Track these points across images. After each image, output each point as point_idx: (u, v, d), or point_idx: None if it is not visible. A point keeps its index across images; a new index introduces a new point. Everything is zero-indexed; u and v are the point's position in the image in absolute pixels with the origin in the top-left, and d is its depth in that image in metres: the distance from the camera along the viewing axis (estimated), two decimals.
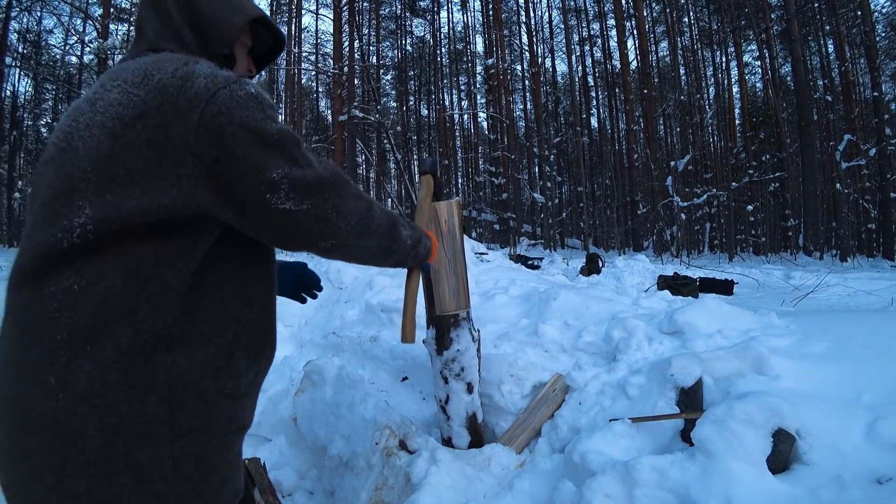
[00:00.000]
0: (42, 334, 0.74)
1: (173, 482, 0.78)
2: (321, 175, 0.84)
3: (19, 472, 0.74)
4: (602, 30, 23.43)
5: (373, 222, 0.94)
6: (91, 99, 0.81)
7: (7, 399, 0.76)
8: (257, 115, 0.80)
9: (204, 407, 0.81)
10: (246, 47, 1.05)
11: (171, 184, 0.76)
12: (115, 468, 0.74)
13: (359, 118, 16.80)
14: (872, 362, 1.72)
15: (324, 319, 3.78)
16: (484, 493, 1.72)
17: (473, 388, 1.90)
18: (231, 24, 0.94)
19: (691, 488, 1.38)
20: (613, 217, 20.67)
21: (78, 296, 0.74)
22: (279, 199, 0.80)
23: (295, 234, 0.83)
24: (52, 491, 0.73)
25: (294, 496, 2.19)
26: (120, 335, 0.75)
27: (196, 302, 0.81)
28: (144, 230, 0.76)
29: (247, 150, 0.78)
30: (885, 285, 6.73)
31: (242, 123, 0.78)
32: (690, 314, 2.19)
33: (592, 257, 9.19)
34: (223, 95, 0.78)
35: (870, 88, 17.09)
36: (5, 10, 15.42)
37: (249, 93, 0.80)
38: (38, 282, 0.75)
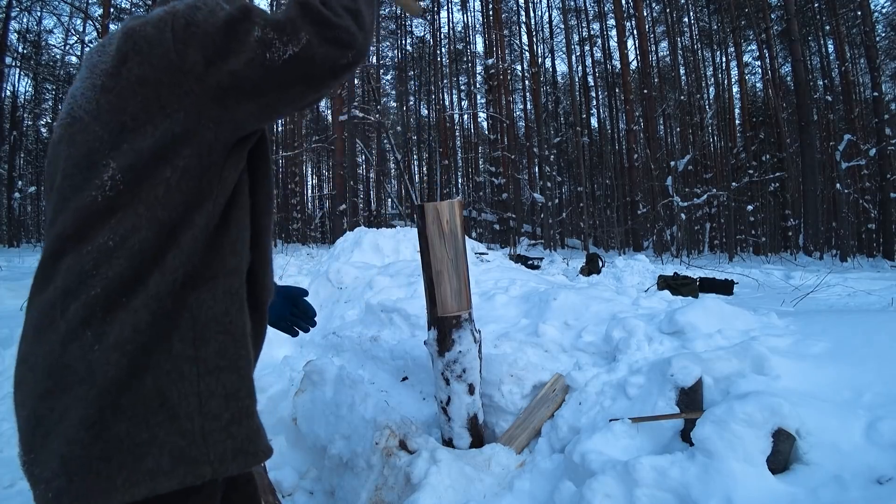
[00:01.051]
0: (81, 292, 0.77)
1: (199, 420, 0.77)
2: (290, 8, 0.81)
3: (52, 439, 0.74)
4: (602, 30, 23.44)
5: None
6: (82, 76, 0.85)
7: (38, 367, 0.77)
8: (215, 9, 0.80)
9: (231, 343, 0.81)
10: None
11: (175, 109, 0.77)
12: (149, 407, 0.76)
13: (359, 118, 16.80)
14: (872, 362, 1.72)
15: (324, 319, 3.78)
16: (484, 493, 1.72)
17: (475, 389, 1.90)
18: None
19: (691, 488, 1.38)
20: (613, 217, 20.67)
21: (113, 251, 0.77)
22: (278, 52, 0.78)
23: (318, 69, 0.80)
24: (98, 438, 0.74)
25: (294, 496, 2.19)
26: (150, 281, 0.77)
27: (221, 238, 0.82)
28: (172, 173, 0.78)
29: (224, 40, 0.78)
30: (885, 285, 6.73)
31: (207, 20, 0.79)
32: (690, 314, 2.19)
33: (592, 257, 9.19)
34: (182, 8, 0.80)
35: (870, 88, 17.09)
36: (5, 10, 15.43)
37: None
38: (78, 245, 0.78)
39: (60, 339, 0.77)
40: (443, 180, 25.23)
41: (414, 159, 28.22)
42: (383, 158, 24.85)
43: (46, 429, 0.76)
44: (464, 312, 1.83)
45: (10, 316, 4.24)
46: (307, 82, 0.81)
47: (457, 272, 1.79)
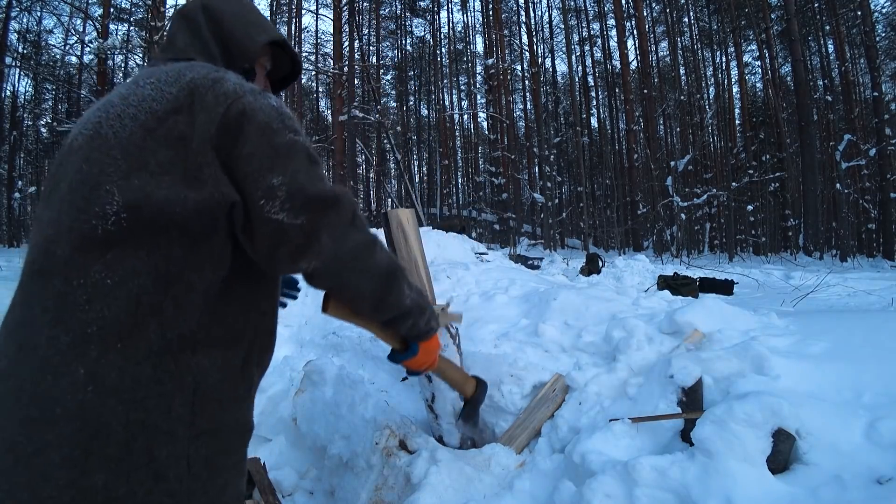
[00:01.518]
0: (73, 325, 0.74)
1: (187, 481, 0.79)
2: (324, 192, 0.84)
3: (24, 469, 0.71)
4: (602, 30, 23.45)
5: (370, 259, 0.89)
6: (123, 94, 0.85)
7: (21, 390, 0.73)
8: (275, 124, 0.83)
9: (219, 409, 0.83)
10: (265, 69, 1.10)
11: (196, 176, 0.78)
12: (134, 464, 0.74)
13: (359, 118, 16.81)
14: (872, 362, 1.72)
15: (324, 319, 3.77)
16: (484, 493, 1.72)
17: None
18: (254, 41, 1.01)
19: (691, 488, 1.38)
20: (613, 217, 20.68)
21: (111, 290, 0.75)
22: (273, 208, 0.79)
23: (282, 249, 0.81)
24: (70, 486, 0.71)
25: (294, 496, 2.19)
26: (150, 332, 0.77)
27: (221, 308, 0.83)
28: (176, 232, 0.78)
29: (255, 151, 0.80)
30: (885, 285, 6.73)
31: (259, 126, 0.81)
32: (690, 314, 2.19)
33: (592, 257, 9.20)
34: (249, 98, 0.83)
35: (870, 88, 17.09)
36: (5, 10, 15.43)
37: (272, 104, 0.85)
38: (69, 271, 0.76)
39: (50, 369, 0.73)
40: (443, 180, 25.23)
41: (414, 159, 28.23)
42: (383, 158, 24.85)
43: (17, 456, 0.72)
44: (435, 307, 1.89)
45: None
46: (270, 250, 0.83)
47: (421, 273, 1.88)
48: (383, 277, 0.92)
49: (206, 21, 0.99)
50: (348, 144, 17.28)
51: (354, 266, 0.87)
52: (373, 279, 0.91)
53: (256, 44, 1.01)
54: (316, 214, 0.82)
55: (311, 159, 0.85)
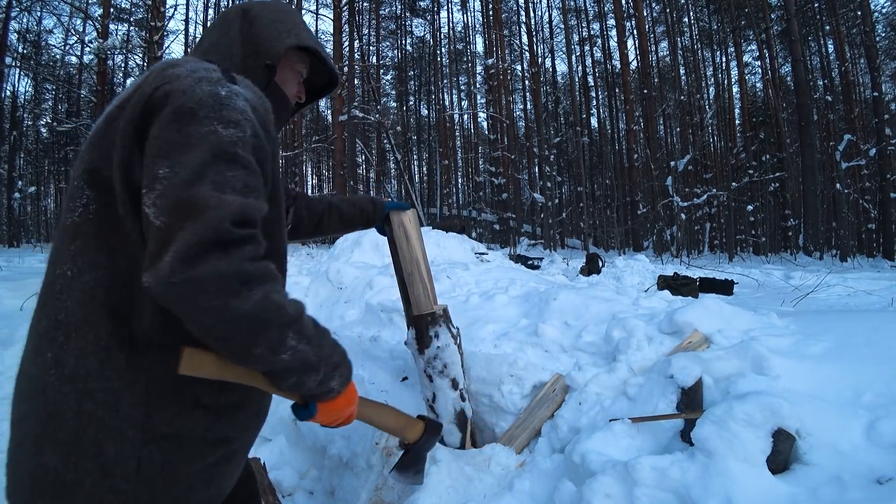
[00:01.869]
0: (50, 311, 0.80)
1: (134, 483, 0.77)
2: (196, 199, 0.68)
3: (15, 431, 0.81)
4: (602, 30, 23.44)
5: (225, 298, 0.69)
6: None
7: (21, 365, 0.84)
8: (201, 112, 0.74)
9: (178, 414, 0.80)
10: (299, 74, 1.10)
11: (129, 162, 0.76)
12: (83, 454, 0.76)
13: (359, 118, 16.81)
14: (872, 362, 1.72)
15: (324, 319, 3.78)
16: (484, 493, 1.72)
17: (458, 384, 1.91)
18: (281, 41, 0.99)
19: (691, 488, 1.38)
20: (613, 217, 20.67)
21: (71, 281, 0.79)
22: (148, 199, 0.70)
23: (142, 250, 0.72)
24: (31, 458, 0.78)
25: (294, 496, 2.19)
26: (101, 327, 0.77)
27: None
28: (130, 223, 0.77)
29: (160, 134, 0.73)
30: (885, 285, 6.73)
31: (176, 109, 0.74)
32: (690, 314, 2.19)
33: (592, 257, 9.20)
34: (183, 82, 0.77)
35: (870, 88, 17.09)
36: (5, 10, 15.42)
37: (213, 92, 0.77)
38: (55, 260, 0.82)
39: (34, 349, 0.81)
40: (443, 180, 25.23)
41: (414, 159, 28.22)
42: (383, 158, 24.85)
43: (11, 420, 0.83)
44: (438, 309, 1.90)
45: (10, 316, 4.24)
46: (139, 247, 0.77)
47: (423, 272, 1.87)
48: (244, 323, 0.71)
49: (240, 23, 0.99)
50: (348, 144, 17.28)
51: (196, 300, 0.69)
52: (224, 322, 0.71)
53: (282, 44, 0.99)
54: (175, 221, 0.68)
55: (220, 158, 0.72)
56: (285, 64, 1.06)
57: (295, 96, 1.10)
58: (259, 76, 0.97)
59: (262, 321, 0.73)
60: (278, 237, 0.93)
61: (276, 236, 0.91)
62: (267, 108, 0.88)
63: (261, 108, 0.85)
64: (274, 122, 1.00)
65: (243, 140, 0.76)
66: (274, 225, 0.90)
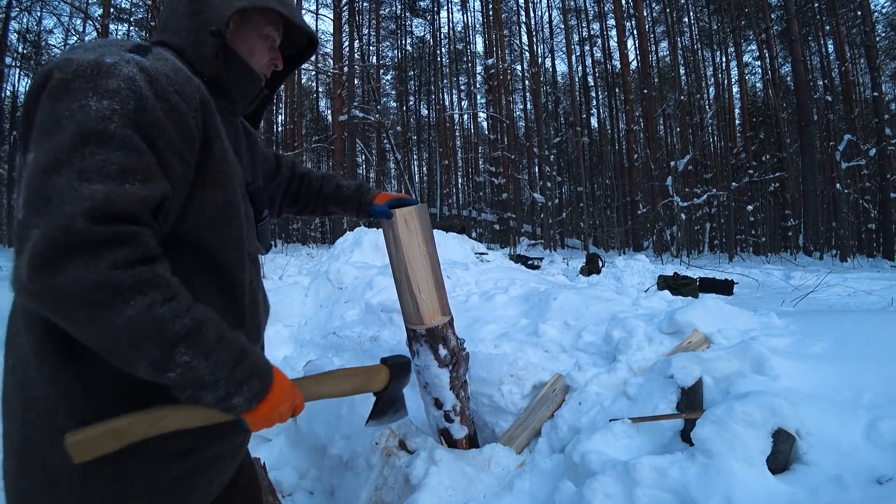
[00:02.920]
0: (11, 317, 0.79)
1: (81, 497, 0.73)
2: (46, 189, 0.60)
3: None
4: (602, 30, 23.42)
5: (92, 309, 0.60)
6: None
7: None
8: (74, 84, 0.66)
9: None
10: (269, 40, 0.98)
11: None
12: (32, 464, 0.74)
13: (359, 118, 16.81)
14: (872, 362, 1.72)
15: (324, 319, 3.77)
16: (484, 493, 1.72)
17: (443, 404, 1.82)
18: (228, 4, 0.87)
19: (691, 488, 1.38)
20: (613, 217, 20.67)
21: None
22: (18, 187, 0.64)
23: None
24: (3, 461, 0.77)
25: (294, 496, 2.19)
26: (35, 333, 0.73)
27: None
28: None
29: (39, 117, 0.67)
30: (885, 285, 6.73)
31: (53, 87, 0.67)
32: (690, 314, 2.19)
33: (592, 257, 9.19)
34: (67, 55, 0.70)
35: (870, 88, 17.08)
36: (5, 10, 15.41)
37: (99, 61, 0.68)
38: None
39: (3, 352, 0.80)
40: (443, 180, 25.23)
41: (414, 159, 28.22)
42: (383, 158, 24.84)
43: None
44: (418, 327, 1.71)
45: None
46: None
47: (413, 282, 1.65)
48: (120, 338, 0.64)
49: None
50: (348, 144, 17.28)
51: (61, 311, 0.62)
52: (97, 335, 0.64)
53: (229, 7, 0.87)
54: (29, 217, 0.61)
55: (90, 138, 0.63)
56: (250, 30, 0.94)
57: (268, 65, 0.99)
58: (209, 47, 0.86)
59: (140, 338, 0.64)
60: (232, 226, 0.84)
61: (224, 225, 0.82)
62: (185, 79, 0.77)
63: (174, 78, 0.74)
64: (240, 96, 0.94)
65: (120, 114, 0.65)
66: (223, 213, 0.82)
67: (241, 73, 0.92)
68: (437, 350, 1.74)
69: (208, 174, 0.79)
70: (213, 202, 0.80)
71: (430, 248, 1.64)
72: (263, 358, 0.82)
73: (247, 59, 0.93)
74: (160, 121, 0.70)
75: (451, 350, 1.76)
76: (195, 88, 0.78)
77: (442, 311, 1.72)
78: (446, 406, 1.82)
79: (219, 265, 0.82)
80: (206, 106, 0.79)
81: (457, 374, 1.80)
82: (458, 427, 1.85)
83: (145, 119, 0.68)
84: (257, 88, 0.97)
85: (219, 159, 0.81)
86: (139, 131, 0.67)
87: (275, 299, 4.00)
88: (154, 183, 0.67)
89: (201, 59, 0.87)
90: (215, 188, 0.80)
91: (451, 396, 1.81)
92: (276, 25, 0.97)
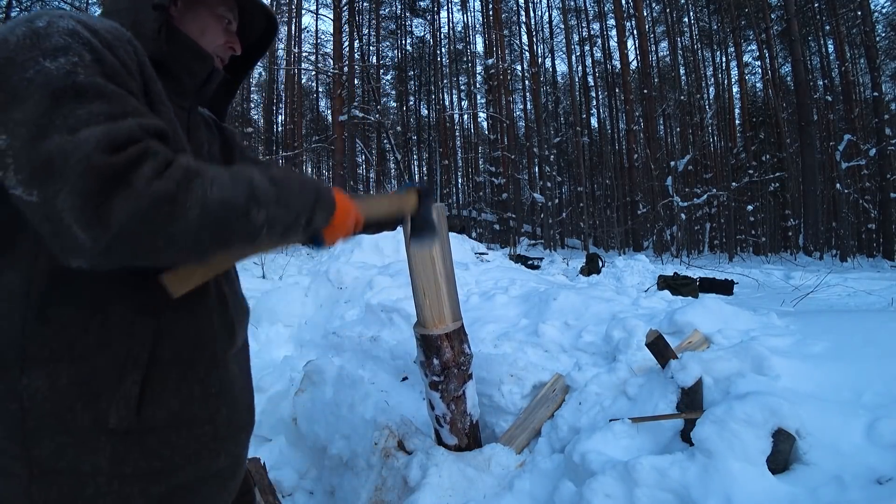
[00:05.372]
0: None
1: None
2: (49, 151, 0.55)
3: None
4: (602, 30, 23.43)
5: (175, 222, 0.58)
6: None
7: None
8: (20, 56, 0.59)
9: (69, 443, 0.66)
10: (223, 20, 0.92)
11: None
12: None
13: (359, 118, 16.81)
14: (872, 362, 1.72)
15: (324, 319, 3.78)
16: (484, 493, 1.72)
17: (433, 408, 1.84)
18: None
19: (691, 488, 1.38)
20: (613, 217, 20.67)
21: None
22: (9, 181, 0.56)
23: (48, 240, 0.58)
24: None
25: (294, 496, 2.19)
26: None
27: (58, 309, 0.66)
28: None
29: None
30: (885, 285, 6.73)
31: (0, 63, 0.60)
32: (690, 314, 2.19)
33: (592, 257, 9.20)
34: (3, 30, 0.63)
35: (870, 88, 17.09)
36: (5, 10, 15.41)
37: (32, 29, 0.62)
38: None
39: None
40: (443, 180, 25.23)
41: (414, 159, 28.21)
42: (383, 158, 24.84)
43: None
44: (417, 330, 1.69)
45: None
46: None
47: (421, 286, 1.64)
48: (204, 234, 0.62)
49: None
50: (348, 144, 17.28)
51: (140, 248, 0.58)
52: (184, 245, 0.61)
53: None
54: (47, 188, 0.55)
55: (63, 96, 0.58)
56: (200, 8, 0.88)
57: (223, 47, 0.93)
58: (151, 23, 0.80)
59: (219, 223, 0.62)
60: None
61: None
62: (124, 37, 0.70)
63: (115, 33, 0.68)
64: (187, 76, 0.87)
65: (82, 65, 0.60)
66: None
67: (186, 51, 0.86)
68: (431, 359, 1.73)
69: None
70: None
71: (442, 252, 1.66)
72: (310, 176, 0.83)
73: (197, 38, 0.88)
74: (118, 68, 0.65)
75: (445, 363, 1.73)
76: (133, 48, 0.71)
77: (445, 319, 1.70)
78: (437, 411, 1.83)
79: None
80: (144, 69, 0.73)
81: (446, 388, 1.77)
82: (448, 434, 1.85)
83: (106, 67, 0.63)
84: (207, 68, 0.90)
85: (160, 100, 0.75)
86: (109, 79, 0.62)
87: (275, 299, 4.00)
88: (150, 116, 0.64)
89: (142, 37, 0.79)
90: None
91: (441, 405, 1.81)
92: (230, 5, 0.92)
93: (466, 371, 1.80)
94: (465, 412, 1.83)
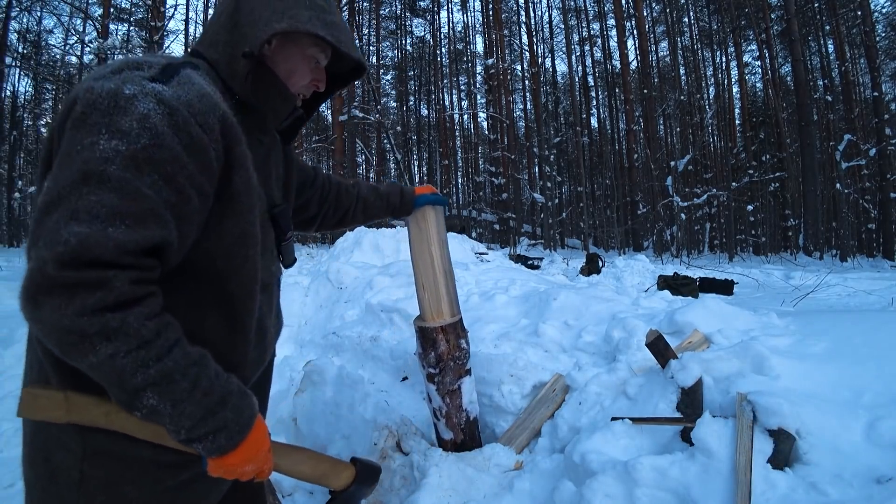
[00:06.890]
0: None
1: (76, 494, 0.77)
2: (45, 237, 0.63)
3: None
4: (602, 30, 23.43)
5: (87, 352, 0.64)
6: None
7: None
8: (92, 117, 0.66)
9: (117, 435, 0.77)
10: (312, 60, 0.95)
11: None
12: (36, 457, 0.80)
13: (359, 118, 16.81)
14: (872, 362, 1.72)
15: (324, 319, 3.77)
16: (484, 493, 1.72)
17: (430, 400, 1.87)
18: (268, 24, 0.84)
19: (691, 488, 1.38)
20: (613, 217, 20.67)
21: None
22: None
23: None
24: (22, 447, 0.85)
25: (294, 496, 2.19)
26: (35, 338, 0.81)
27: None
28: None
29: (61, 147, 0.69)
30: (885, 285, 6.73)
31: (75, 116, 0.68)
32: (690, 314, 2.19)
33: (592, 257, 9.20)
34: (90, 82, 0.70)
35: (870, 88, 17.08)
36: (5, 10, 15.40)
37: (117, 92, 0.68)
38: None
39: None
40: (443, 180, 25.24)
41: (414, 159, 28.22)
42: (383, 158, 24.83)
43: None
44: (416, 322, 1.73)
45: (10, 316, 4.23)
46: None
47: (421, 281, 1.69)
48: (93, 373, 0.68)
49: (232, 5, 0.87)
50: (348, 144, 17.28)
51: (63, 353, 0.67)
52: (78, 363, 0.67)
53: (267, 28, 0.84)
54: (29, 247, 0.65)
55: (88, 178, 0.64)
56: (293, 49, 0.91)
57: (308, 86, 0.97)
58: (241, 67, 0.85)
59: (105, 381, 0.68)
60: (247, 257, 0.83)
61: (239, 255, 0.82)
62: (209, 107, 0.75)
63: (196, 108, 0.73)
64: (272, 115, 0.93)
65: (123, 155, 0.65)
66: (239, 243, 0.82)
67: (275, 93, 0.90)
68: (427, 351, 1.75)
69: (227, 205, 0.79)
70: (230, 232, 0.80)
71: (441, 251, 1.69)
72: (249, 410, 0.80)
73: (285, 79, 0.91)
74: (179, 155, 0.70)
75: (440, 355, 1.74)
76: (218, 118, 0.76)
77: (444, 313, 1.71)
78: (433, 404, 1.86)
79: (229, 294, 0.83)
80: (228, 135, 0.78)
81: (442, 381, 1.78)
82: (444, 429, 1.87)
83: (161, 156, 0.68)
84: (290, 108, 0.95)
85: (239, 191, 0.80)
86: (149, 171, 0.67)
87: None
88: (148, 227, 0.67)
89: (235, 76, 0.86)
90: (233, 219, 0.80)
91: (437, 398, 1.82)
92: (322, 48, 0.94)
93: (463, 366, 1.81)
94: (461, 407, 1.84)
